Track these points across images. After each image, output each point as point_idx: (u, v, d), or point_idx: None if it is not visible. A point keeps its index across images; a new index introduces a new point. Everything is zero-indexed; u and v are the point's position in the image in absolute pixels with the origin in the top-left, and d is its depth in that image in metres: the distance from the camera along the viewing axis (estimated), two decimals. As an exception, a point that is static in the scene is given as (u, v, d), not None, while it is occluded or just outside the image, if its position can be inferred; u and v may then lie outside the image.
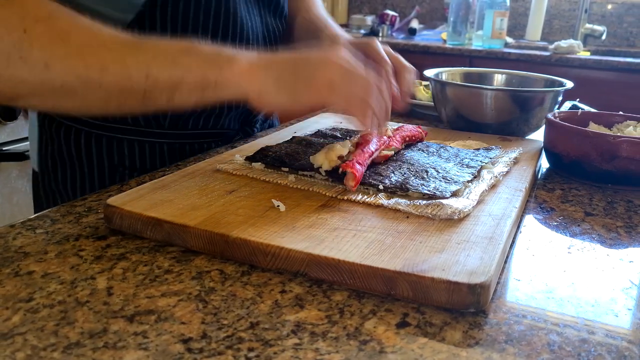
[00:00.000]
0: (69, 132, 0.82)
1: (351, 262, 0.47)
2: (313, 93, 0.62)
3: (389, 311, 0.45)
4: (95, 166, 0.83)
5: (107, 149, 0.82)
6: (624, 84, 2.35)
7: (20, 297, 0.45)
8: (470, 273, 0.46)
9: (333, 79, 0.61)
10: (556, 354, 0.41)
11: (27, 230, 0.56)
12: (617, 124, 0.88)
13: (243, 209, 0.57)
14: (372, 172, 0.66)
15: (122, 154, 0.82)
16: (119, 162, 0.82)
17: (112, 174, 0.83)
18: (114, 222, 0.56)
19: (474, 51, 2.57)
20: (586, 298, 0.49)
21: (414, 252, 0.50)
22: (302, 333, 0.42)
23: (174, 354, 0.39)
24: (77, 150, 0.82)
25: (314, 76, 0.62)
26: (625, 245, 0.60)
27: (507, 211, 0.60)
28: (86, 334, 0.40)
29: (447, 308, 0.46)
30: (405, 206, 0.59)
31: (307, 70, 0.62)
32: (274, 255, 0.50)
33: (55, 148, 0.84)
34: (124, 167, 0.83)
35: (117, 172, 0.83)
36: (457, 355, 0.40)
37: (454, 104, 0.99)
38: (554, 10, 3.00)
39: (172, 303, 0.45)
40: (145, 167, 0.83)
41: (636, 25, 2.89)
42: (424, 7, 3.27)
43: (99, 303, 0.44)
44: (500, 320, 0.45)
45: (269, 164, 0.69)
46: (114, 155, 0.82)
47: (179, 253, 0.53)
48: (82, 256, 0.52)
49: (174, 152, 0.84)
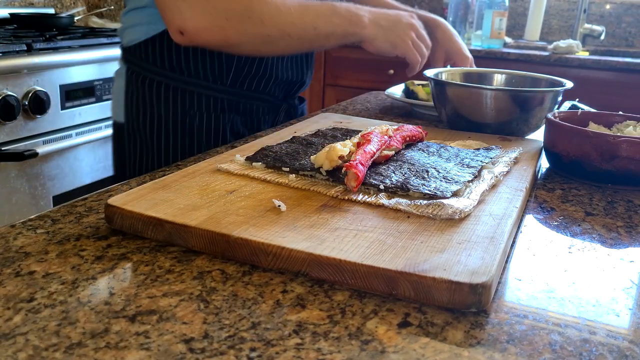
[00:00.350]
0: (152, 84, 0.99)
1: (353, 262, 0.47)
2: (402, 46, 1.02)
3: (391, 311, 0.45)
4: (171, 110, 1.00)
5: (181, 98, 0.99)
6: (622, 84, 2.36)
7: (21, 297, 0.45)
8: (472, 273, 0.46)
9: (414, 40, 1.03)
10: (558, 354, 0.41)
11: (28, 230, 0.56)
12: (617, 123, 0.88)
13: (244, 209, 0.57)
14: (373, 172, 0.66)
15: (192, 102, 1.00)
16: (190, 108, 1.00)
17: (183, 118, 1.00)
18: (115, 222, 0.56)
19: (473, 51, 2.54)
20: (587, 298, 0.49)
21: (415, 252, 0.50)
22: (304, 333, 0.42)
23: (176, 354, 0.39)
24: (157, 98, 1.00)
25: (405, 34, 1.02)
26: (625, 245, 0.60)
27: (508, 211, 0.60)
28: (88, 334, 0.40)
29: (448, 308, 0.46)
30: (406, 206, 0.59)
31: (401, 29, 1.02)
32: (275, 255, 0.50)
33: (139, 97, 1.01)
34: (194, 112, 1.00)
35: (188, 116, 1.00)
36: (459, 355, 0.40)
37: (453, 104, 0.99)
38: (552, 10, 3.01)
39: (174, 303, 0.45)
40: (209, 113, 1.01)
41: (635, 26, 2.89)
42: (423, 7, 3.27)
43: (101, 303, 0.44)
44: (502, 320, 0.45)
45: (270, 164, 0.69)
46: (186, 102, 1.00)
47: (180, 253, 0.53)
48: (83, 256, 0.52)
49: (230, 106, 1.03)
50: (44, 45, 1.80)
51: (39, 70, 1.73)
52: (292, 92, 1.14)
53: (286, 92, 1.12)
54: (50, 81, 1.76)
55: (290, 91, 1.13)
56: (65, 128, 1.84)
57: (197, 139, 1.01)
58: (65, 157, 1.85)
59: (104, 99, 1.96)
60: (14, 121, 1.66)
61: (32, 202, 1.75)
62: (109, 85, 1.98)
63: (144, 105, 1.01)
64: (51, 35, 1.92)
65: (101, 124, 1.96)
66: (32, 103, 1.69)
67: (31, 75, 1.70)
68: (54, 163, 1.81)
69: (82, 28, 2.39)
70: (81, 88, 1.88)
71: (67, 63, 1.82)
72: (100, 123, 1.96)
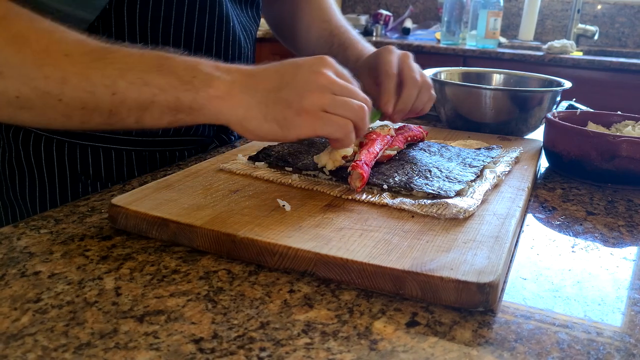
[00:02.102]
0: (27, 137, 0.76)
1: (360, 262, 0.47)
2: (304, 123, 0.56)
3: (398, 310, 0.45)
4: (57, 175, 0.76)
5: (69, 156, 0.76)
6: (616, 84, 2.37)
7: (28, 298, 0.44)
8: (479, 272, 0.46)
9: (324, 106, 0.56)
10: (566, 353, 0.41)
11: (31, 230, 0.56)
12: (616, 123, 0.88)
13: (248, 209, 0.57)
14: (376, 172, 0.66)
15: (86, 162, 0.76)
16: (82, 171, 0.76)
17: (74, 183, 0.76)
18: (119, 222, 0.56)
19: (467, 51, 2.58)
20: (592, 297, 0.49)
21: (421, 251, 0.50)
22: (313, 333, 0.42)
23: (186, 354, 0.39)
24: (37, 157, 0.76)
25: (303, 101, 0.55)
26: (628, 244, 0.60)
27: (512, 210, 0.60)
28: (97, 335, 0.40)
29: (455, 307, 0.46)
30: (410, 205, 0.59)
31: (295, 93, 0.55)
32: (282, 255, 0.50)
33: (13, 155, 0.77)
34: (87, 176, 0.77)
35: (80, 182, 0.77)
36: (468, 354, 0.40)
37: (453, 104, 0.99)
38: (546, 10, 3.02)
39: (181, 303, 0.45)
40: (112, 176, 0.77)
41: (628, 26, 2.91)
42: (418, 6, 3.28)
43: (108, 303, 0.44)
44: (509, 319, 0.45)
45: (272, 164, 0.68)
46: (77, 163, 0.76)
47: (185, 253, 0.53)
48: (88, 256, 0.51)
49: (142, 160, 0.78)
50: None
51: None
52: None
53: (219, 127, 0.88)
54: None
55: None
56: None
57: None
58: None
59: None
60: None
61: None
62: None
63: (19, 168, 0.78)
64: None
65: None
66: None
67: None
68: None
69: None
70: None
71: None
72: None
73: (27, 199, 0.78)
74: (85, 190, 0.76)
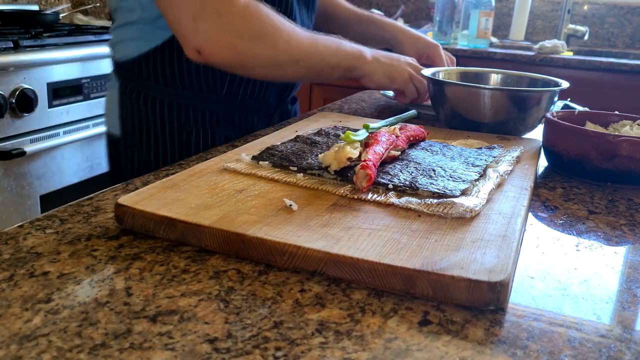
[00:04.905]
0: (146, 99, 1.01)
1: (370, 261, 0.47)
2: (399, 79, 1.08)
3: (410, 309, 0.46)
4: (167, 125, 1.02)
5: (176, 112, 1.02)
6: (607, 84, 2.39)
7: (38, 298, 0.44)
8: (490, 271, 0.46)
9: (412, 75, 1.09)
10: (578, 351, 0.42)
11: (37, 230, 0.56)
12: (613, 123, 0.89)
13: (255, 208, 0.57)
14: (380, 171, 0.66)
15: (188, 116, 1.02)
16: (185, 122, 1.02)
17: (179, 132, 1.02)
18: (126, 222, 0.56)
19: (459, 50, 2.59)
20: (600, 295, 0.50)
21: (430, 250, 0.50)
22: (327, 332, 0.42)
23: (202, 354, 0.39)
24: (153, 113, 1.01)
25: (404, 70, 1.08)
26: (631, 243, 0.61)
27: (516, 210, 0.61)
28: (111, 335, 0.40)
29: (465, 306, 0.46)
30: (416, 205, 0.59)
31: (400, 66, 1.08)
32: (292, 254, 0.50)
33: (135, 112, 1.02)
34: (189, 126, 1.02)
35: (184, 130, 1.02)
36: (482, 352, 0.41)
37: (451, 103, 1.00)
38: (537, 10, 3.04)
39: (193, 303, 0.45)
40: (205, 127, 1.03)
41: (617, 26, 2.93)
42: (409, 6, 3.29)
43: (120, 303, 0.44)
44: (520, 318, 0.46)
45: (277, 163, 0.68)
46: (182, 117, 1.02)
47: (194, 253, 0.53)
48: (96, 256, 0.51)
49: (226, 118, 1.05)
50: (30, 43, 1.77)
51: (26, 68, 1.70)
52: (285, 95, 1.15)
53: (279, 97, 1.13)
54: (38, 79, 1.74)
55: (283, 95, 1.14)
56: (52, 126, 1.82)
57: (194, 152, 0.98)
58: (53, 155, 1.82)
59: (91, 97, 1.94)
60: (1, 120, 1.63)
61: (19, 202, 1.73)
62: (97, 84, 1.95)
63: (139, 120, 1.03)
64: (37, 33, 1.89)
65: (89, 123, 1.94)
66: (20, 101, 1.67)
67: (18, 73, 1.68)
68: (41, 162, 1.79)
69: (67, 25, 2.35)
70: (69, 86, 1.85)
71: (54, 61, 1.80)
72: (88, 122, 1.94)
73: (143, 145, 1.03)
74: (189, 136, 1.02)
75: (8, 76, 1.65)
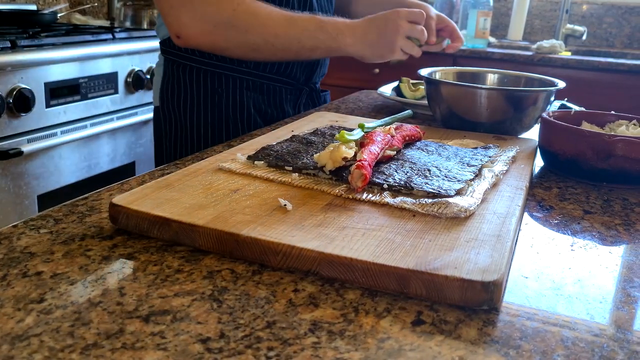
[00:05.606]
0: (185, 68, 1.13)
1: (364, 261, 0.47)
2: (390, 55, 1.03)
3: (403, 309, 0.46)
4: (202, 90, 1.12)
5: (210, 79, 1.12)
6: (605, 84, 2.39)
7: (31, 298, 0.44)
8: (483, 271, 0.46)
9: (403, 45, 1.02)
10: (571, 350, 0.42)
11: (31, 230, 0.55)
12: (609, 123, 0.89)
13: (250, 208, 0.57)
14: (375, 171, 0.66)
15: (221, 82, 1.12)
16: (218, 86, 1.12)
17: (212, 96, 1.12)
18: (120, 221, 0.56)
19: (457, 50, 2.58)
20: (594, 295, 0.50)
21: (424, 250, 0.50)
22: (320, 332, 0.42)
23: (194, 354, 0.39)
24: (190, 80, 1.12)
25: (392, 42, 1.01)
26: (626, 242, 0.61)
27: (511, 209, 0.61)
28: (103, 335, 0.40)
29: (459, 306, 0.46)
30: (411, 205, 0.59)
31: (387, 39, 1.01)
32: (285, 254, 0.50)
33: (174, 81, 1.14)
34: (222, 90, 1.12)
35: (216, 94, 1.12)
36: (474, 352, 0.41)
37: (448, 103, 1.00)
38: (535, 10, 3.04)
39: (186, 303, 0.45)
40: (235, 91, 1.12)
41: (615, 26, 2.93)
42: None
43: (112, 303, 0.44)
44: (513, 318, 0.45)
45: (272, 163, 0.68)
46: (215, 83, 1.12)
47: (188, 252, 0.53)
48: (90, 256, 0.51)
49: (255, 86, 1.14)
50: (28, 42, 1.77)
51: (23, 67, 1.70)
52: (313, 76, 1.22)
53: (307, 75, 1.20)
54: (35, 79, 1.74)
55: (311, 75, 1.21)
56: (50, 126, 1.81)
57: (225, 114, 1.13)
58: (50, 155, 1.82)
59: (89, 97, 1.93)
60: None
61: (16, 202, 1.72)
62: (94, 84, 1.95)
63: (177, 88, 1.14)
64: (34, 32, 1.89)
65: (86, 122, 1.93)
66: (17, 101, 1.66)
67: (15, 73, 1.67)
68: (39, 162, 1.78)
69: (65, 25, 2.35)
70: (66, 86, 1.85)
71: (52, 60, 1.79)
72: (85, 121, 1.93)
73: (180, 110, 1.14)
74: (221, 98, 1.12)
75: (5, 76, 1.65)
